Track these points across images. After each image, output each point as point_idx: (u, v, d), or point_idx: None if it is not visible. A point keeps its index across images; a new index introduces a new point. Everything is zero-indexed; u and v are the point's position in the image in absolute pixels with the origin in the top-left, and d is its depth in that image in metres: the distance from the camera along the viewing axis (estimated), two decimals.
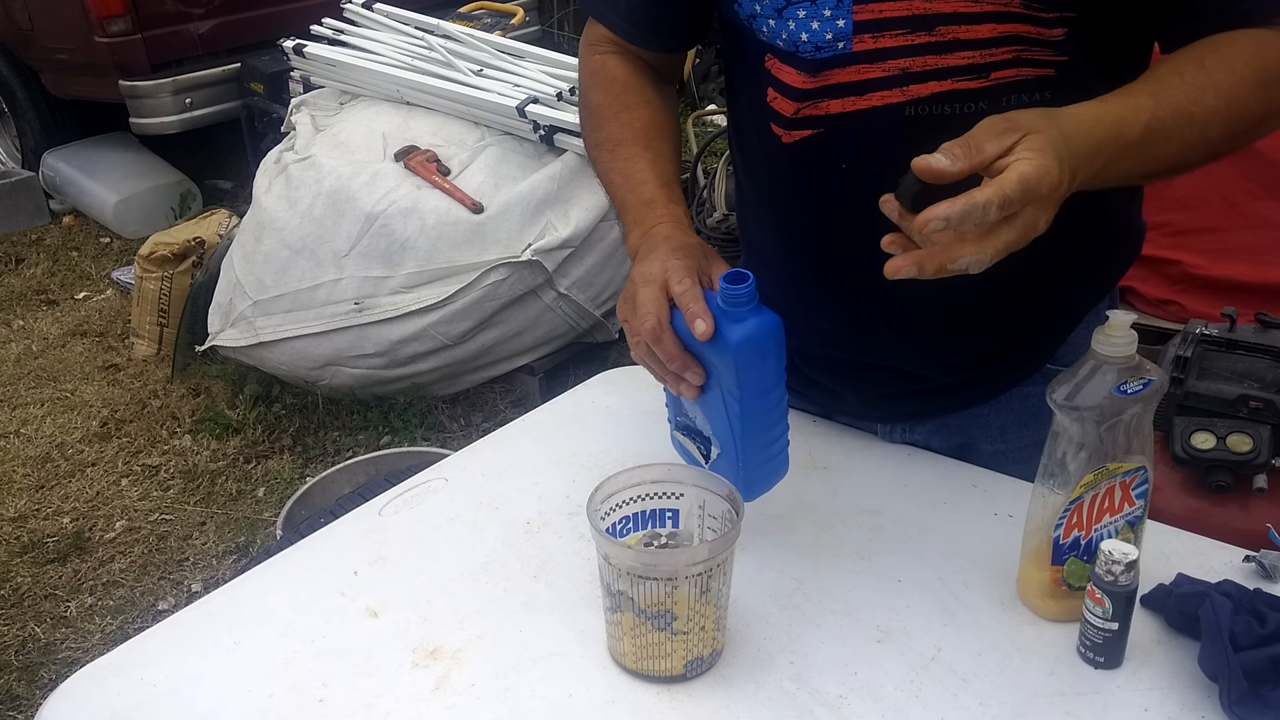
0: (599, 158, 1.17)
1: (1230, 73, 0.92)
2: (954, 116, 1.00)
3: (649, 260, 1.01)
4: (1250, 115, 0.93)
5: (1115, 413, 0.89)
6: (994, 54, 0.98)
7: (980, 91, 1.00)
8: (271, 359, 3.28)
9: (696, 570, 0.88)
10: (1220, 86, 0.91)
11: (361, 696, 0.92)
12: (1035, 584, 0.98)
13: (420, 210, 3.10)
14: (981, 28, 0.97)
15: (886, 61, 1.00)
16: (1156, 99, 0.90)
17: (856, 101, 1.03)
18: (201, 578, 2.76)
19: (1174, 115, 0.90)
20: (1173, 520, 1.10)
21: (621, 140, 1.15)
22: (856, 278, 1.09)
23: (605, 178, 1.16)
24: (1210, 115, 0.91)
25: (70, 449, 3.30)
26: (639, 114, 1.16)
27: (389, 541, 1.11)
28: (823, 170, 1.08)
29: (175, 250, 3.65)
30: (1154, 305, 2.50)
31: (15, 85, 5.08)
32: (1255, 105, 0.93)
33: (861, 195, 1.05)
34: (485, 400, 3.40)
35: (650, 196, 1.09)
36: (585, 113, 1.22)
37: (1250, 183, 2.40)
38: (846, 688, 0.91)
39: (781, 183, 1.14)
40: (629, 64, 1.20)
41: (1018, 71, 0.99)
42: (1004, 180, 0.80)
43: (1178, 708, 0.88)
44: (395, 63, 3.61)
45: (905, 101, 1.01)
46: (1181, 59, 0.94)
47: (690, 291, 0.96)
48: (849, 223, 1.08)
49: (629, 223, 1.09)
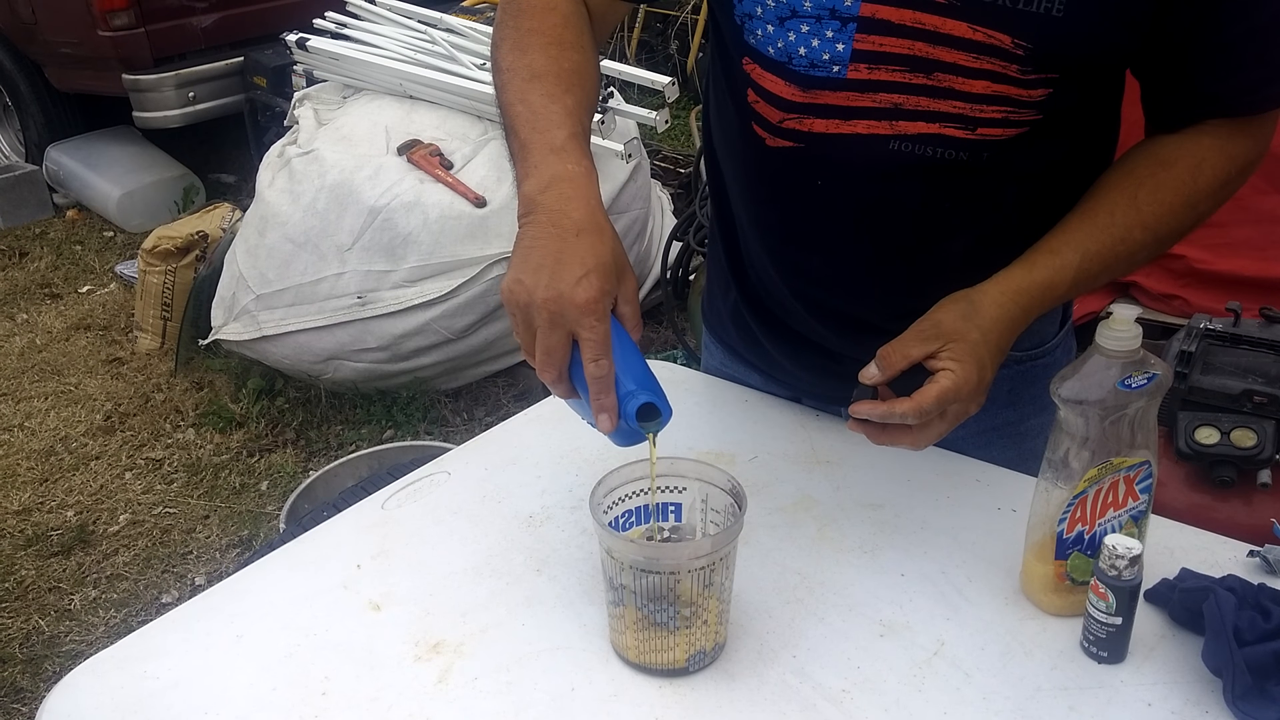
0: (508, 81, 1.03)
1: (1160, 205, 1.01)
2: (935, 160, 1.03)
3: (561, 272, 0.88)
4: (1176, 235, 1.04)
5: (1119, 407, 0.89)
6: (983, 110, 1.00)
7: (964, 142, 1.01)
8: (274, 353, 3.28)
9: (699, 564, 0.87)
10: (1149, 222, 1.01)
11: (364, 690, 0.92)
12: (1039, 578, 0.98)
13: (423, 204, 3.10)
14: (976, 83, 0.98)
15: (878, 94, 1.01)
16: (1084, 252, 1.01)
17: (841, 125, 1.03)
18: (205, 571, 2.77)
19: (1101, 262, 1.01)
20: (1177, 515, 1.10)
21: (544, 73, 1.02)
22: (814, 280, 1.15)
23: (509, 108, 1.02)
24: (1137, 248, 1.02)
25: (74, 442, 3.30)
26: (571, 55, 1.04)
27: (392, 535, 1.11)
28: (799, 182, 1.09)
29: (178, 244, 3.65)
30: (1158, 300, 2.49)
31: (19, 79, 5.08)
32: (1181, 227, 1.04)
33: (831, 212, 1.10)
34: (488, 394, 3.40)
35: (561, 144, 0.96)
36: (507, 33, 1.07)
37: (1256, 177, 2.38)
38: (849, 681, 0.91)
39: (759, 178, 1.15)
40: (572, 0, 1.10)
41: (1003, 131, 1.01)
42: (923, 396, 0.93)
43: (1181, 702, 0.88)
44: (398, 56, 3.60)
45: (891, 135, 1.02)
46: (1116, 193, 1.02)
47: (604, 380, 0.88)
48: (816, 232, 1.12)
49: (527, 165, 0.96)
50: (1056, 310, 1.25)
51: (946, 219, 1.07)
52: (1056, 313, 1.25)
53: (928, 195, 1.05)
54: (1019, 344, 1.21)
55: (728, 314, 1.32)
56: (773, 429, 1.26)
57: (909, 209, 1.06)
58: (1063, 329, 1.26)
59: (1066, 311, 1.28)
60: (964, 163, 1.02)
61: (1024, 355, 1.21)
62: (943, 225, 1.08)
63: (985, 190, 1.06)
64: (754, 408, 1.30)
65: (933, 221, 1.07)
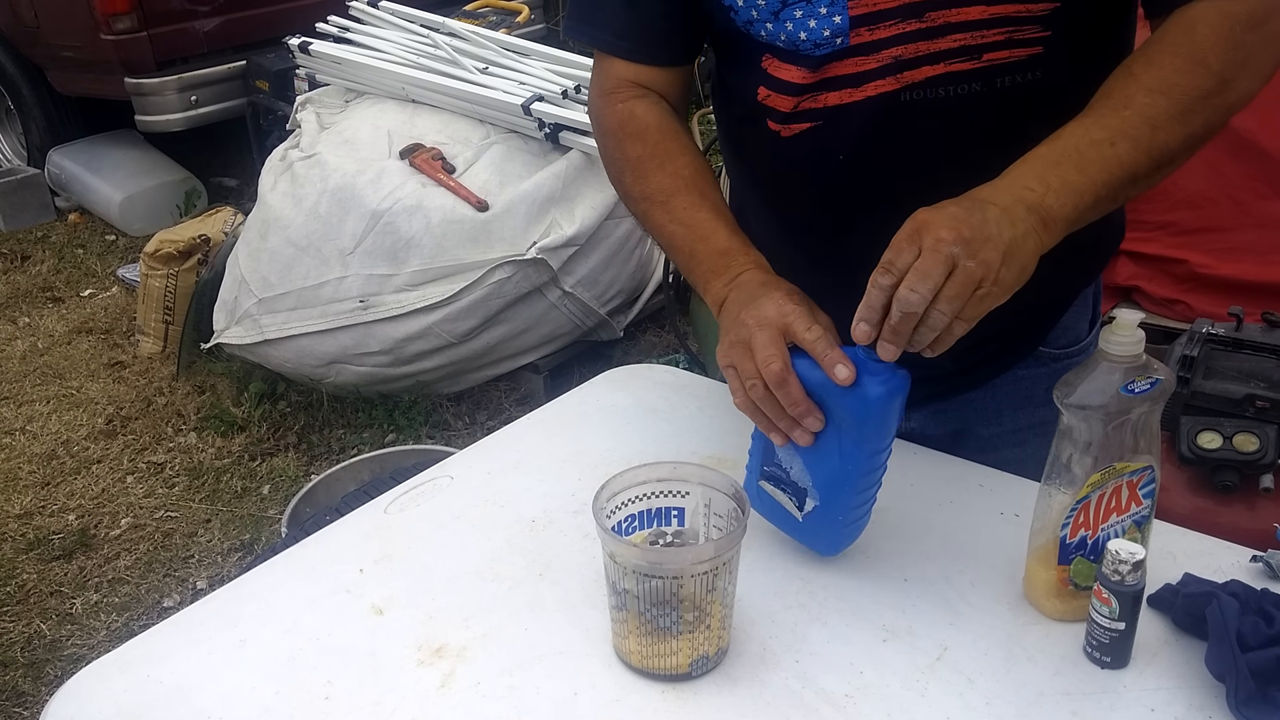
0: (649, 211, 1.13)
1: (1160, 68, 0.95)
2: (949, 98, 1.03)
3: (758, 304, 0.97)
4: (1193, 97, 0.94)
5: (1122, 412, 0.89)
6: (985, 35, 1.00)
7: (973, 73, 1.01)
8: (276, 356, 3.28)
9: (702, 569, 0.87)
10: (1151, 84, 0.95)
11: (366, 694, 0.92)
12: (1042, 583, 0.98)
13: (425, 208, 3.10)
14: (971, 10, 0.98)
15: (880, 52, 1.02)
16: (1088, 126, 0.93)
17: (853, 93, 1.04)
18: (207, 575, 2.77)
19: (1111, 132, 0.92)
20: (1179, 520, 1.09)
21: (674, 191, 1.11)
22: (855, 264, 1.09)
23: (661, 230, 1.12)
24: (1152, 111, 0.93)
25: (76, 446, 3.30)
26: (683, 162, 1.13)
27: (394, 539, 1.11)
28: (821, 160, 1.10)
29: (180, 248, 3.65)
30: (1160, 304, 2.49)
31: (21, 82, 5.09)
32: (1194, 86, 0.94)
33: (860, 181, 1.10)
34: (490, 398, 3.40)
35: (725, 245, 1.06)
36: (622, 165, 1.17)
37: (1258, 182, 2.40)
38: (852, 687, 0.91)
39: (780, 177, 1.15)
40: (655, 107, 1.16)
41: (1010, 53, 1.01)
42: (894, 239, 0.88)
43: (1184, 708, 0.88)
44: (400, 60, 3.61)
45: (899, 89, 1.03)
46: (1109, 82, 0.96)
47: (824, 338, 0.93)
48: (847, 208, 1.11)
49: (705, 272, 1.06)
50: (1086, 310, 1.25)
51: (973, 161, 1.03)
52: (1087, 312, 1.25)
53: (949, 140, 1.05)
54: (1054, 342, 1.22)
55: None
56: None
57: (934, 157, 1.06)
58: (1093, 329, 1.27)
59: (1096, 312, 1.28)
60: (979, 95, 1.02)
61: (1060, 353, 1.22)
62: (971, 168, 1.05)
63: (1008, 126, 1.03)
64: None
65: (960, 166, 1.04)
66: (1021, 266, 0.88)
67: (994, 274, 0.86)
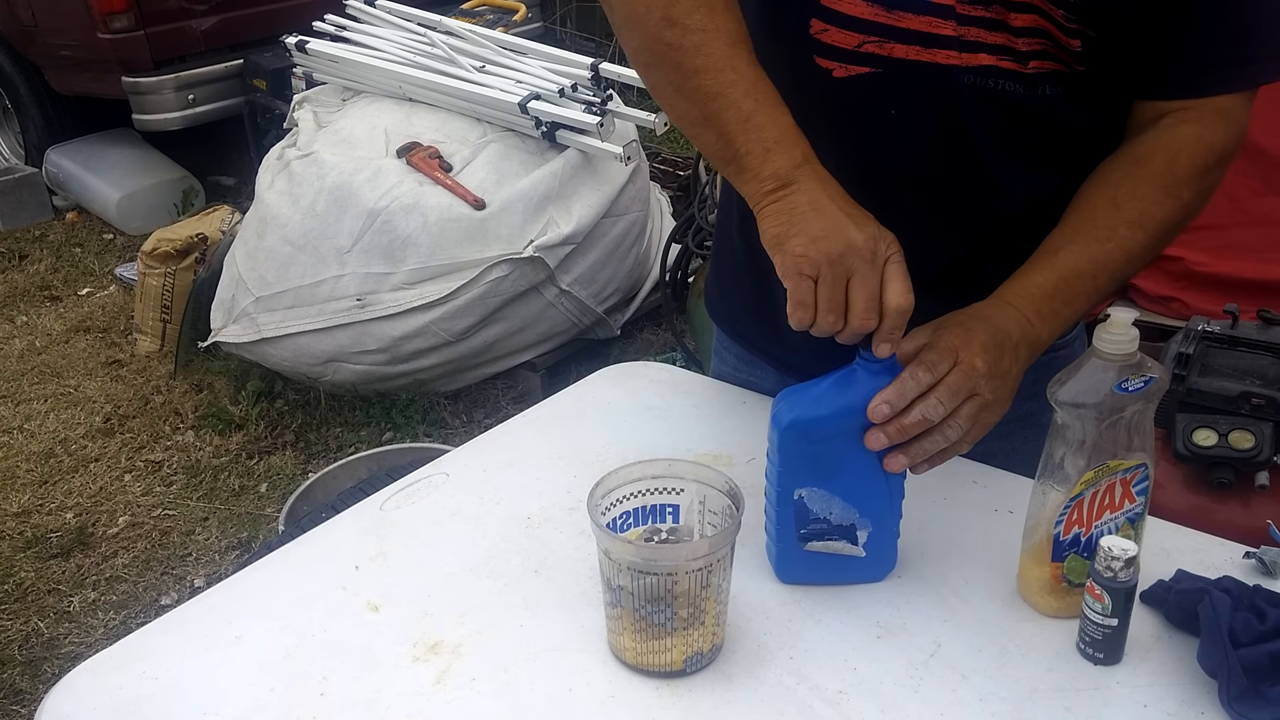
0: (704, 42, 0.97)
1: (1141, 199, 1.02)
2: (998, 93, 1.03)
3: (863, 221, 0.92)
4: (1166, 228, 1.04)
5: (1116, 410, 0.89)
6: (1029, 43, 1.00)
7: (1018, 75, 1.02)
8: (274, 355, 3.28)
9: (697, 565, 0.88)
10: (1133, 218, 1.02)
11: (362, 690, 0.92)
12: (1035, 580, 0.98)
13: (422, 207, 3.10)
14: (1024, 17, 0.99)
15: (951, 22, 1.01)
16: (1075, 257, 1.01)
17: (922, 53, 1.03)
18: (204, 573, 2.77)
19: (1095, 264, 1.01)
20: (1174, 517, 1.10)
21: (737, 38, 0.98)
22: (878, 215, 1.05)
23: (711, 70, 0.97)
24: (1131, 245, 1.02)
25: (73, 444, 3.30)
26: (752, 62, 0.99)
27: (390, 537, 1.11)
28: (868, 113, 1.07)
29: (178, 246, 3.65)
30: (1156, 302, 2.49)
31: (18, 81, 5.08)
32: (1168, 218, 1.03)
33: (897, 147, 1.09)
34: (487, 396, 3.40)
35: (791, 121, 0.97)
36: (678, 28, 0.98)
37: (1253, 180, 2.40)
38: (846, 683, 0.91)
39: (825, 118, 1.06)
40: None
41: (1053, 65, 1.02)
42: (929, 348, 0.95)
43: (1177, 704, 0.88)
44: (398, 59, 3.61)
45: (963, 67, 1.02)
46: (1095, 199, 1.04)
47: (906, 311, 0.92)
48: (876, 173, 1.07)
49: (767, 138, 0.95)
50: None
51: (1006, 163, 1.07)
52: None
53: (988, 135, 1.05)
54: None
55: (742, 305, 1.32)
56: None
57: (974, 146, 1.06)
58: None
59: None
60: (1022, 98, 1.02)
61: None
62: (1002, 170, 1.08)
63: (1041, 138, 1.06)
64: (752, 410, 1.30)
65: (993, 164, 1.07)
66: (1013, 393, 0.98)
67: (1001, 404, 0.96)
